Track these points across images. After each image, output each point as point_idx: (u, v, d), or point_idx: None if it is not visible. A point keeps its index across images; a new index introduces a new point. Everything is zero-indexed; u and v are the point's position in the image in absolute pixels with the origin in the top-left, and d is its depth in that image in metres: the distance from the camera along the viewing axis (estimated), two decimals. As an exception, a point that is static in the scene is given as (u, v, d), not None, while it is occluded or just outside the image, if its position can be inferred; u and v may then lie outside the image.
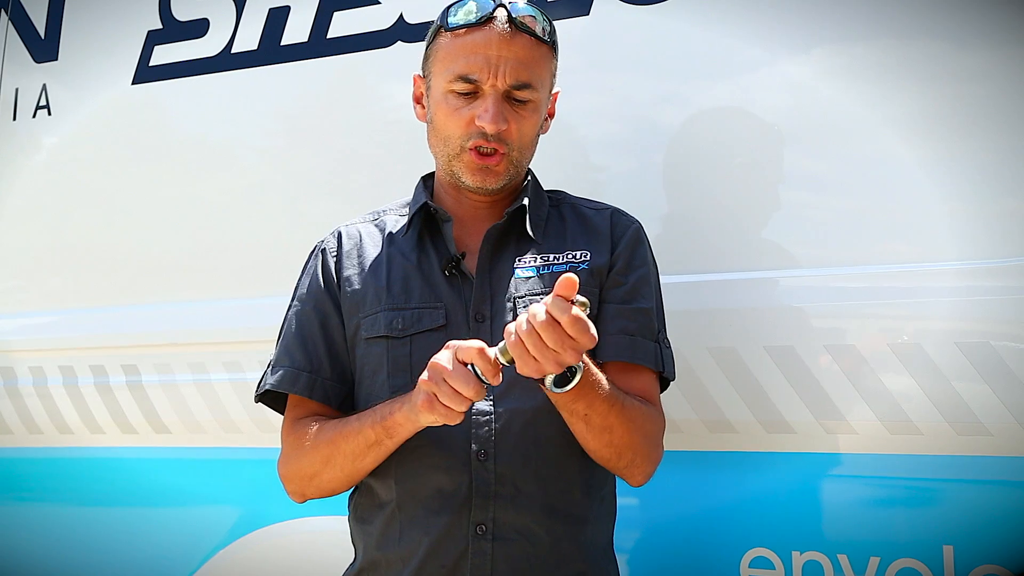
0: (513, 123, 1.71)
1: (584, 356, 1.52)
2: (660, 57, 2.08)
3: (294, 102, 2.43)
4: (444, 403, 1.49)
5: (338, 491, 1.74)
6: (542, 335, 1.40)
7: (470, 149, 1.71)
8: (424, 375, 1.51)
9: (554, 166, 1.89)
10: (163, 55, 2.53)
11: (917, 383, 1.84)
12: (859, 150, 1.93)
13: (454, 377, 1.46)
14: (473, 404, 1.57)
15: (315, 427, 1.70)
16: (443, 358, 1.50)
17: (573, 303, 1.40)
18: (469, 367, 1.48)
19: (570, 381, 1.50)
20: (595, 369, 1.58)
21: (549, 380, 1.49)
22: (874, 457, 1.88)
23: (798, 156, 1.99)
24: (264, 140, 2.49)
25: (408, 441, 1.64)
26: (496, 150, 1.70)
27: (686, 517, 1.98)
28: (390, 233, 1.80)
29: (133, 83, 2.56)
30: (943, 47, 1.86)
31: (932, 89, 1.87)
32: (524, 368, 1.45)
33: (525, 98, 1.72)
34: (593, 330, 1.42)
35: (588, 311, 1.43)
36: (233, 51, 2.45)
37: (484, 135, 1.70)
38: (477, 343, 1.48)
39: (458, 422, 1.51)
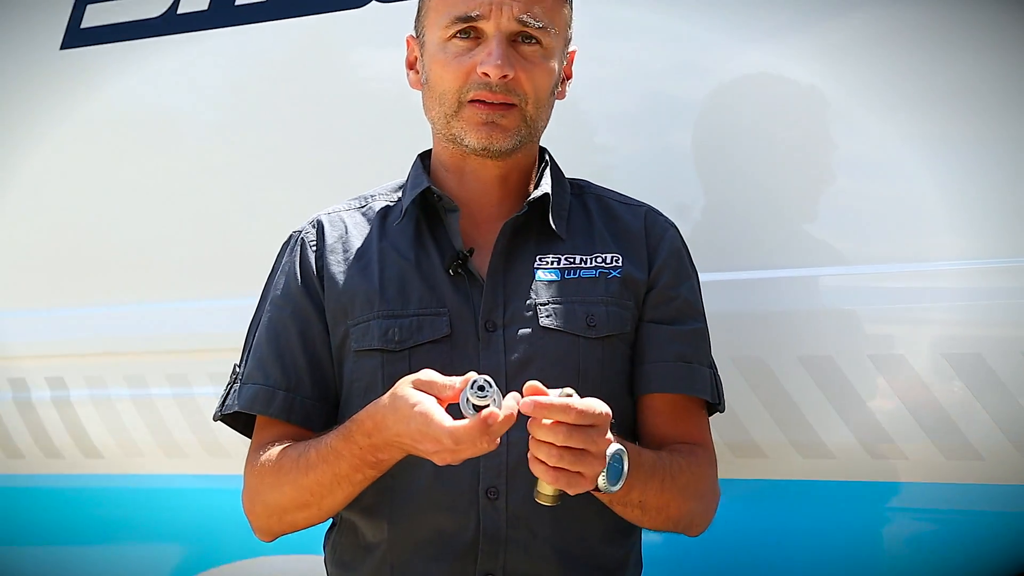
0: (522, 71, 1.64)
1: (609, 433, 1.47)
2: (676, 20, 2.02)
3: (250, 71, 2.36)
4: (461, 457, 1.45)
5: (314, 524, 1.67)
6: (561, 463, 1.38)
7: (470, 102, 1.64)
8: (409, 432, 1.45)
9: (554, 147, 1.81)
10: (96, 16, 2.46)
11: (978, 400, 1.78)
12: (917, 127, 1.86)
13: (461, 440, 1.40)
14: None
15: (288, 453, 1.63)
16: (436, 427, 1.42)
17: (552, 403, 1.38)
18: (463, 399, 1.41)
19: (620, 473, 1.46)
20: (627, 443, 1.53)
21: (602, 479, 1.44)
22: (931, 487, 1.83)
23: (839, 134, 1.92)
24: (215, 114, 2.43)
25: (404, 473, 1.59)
26: (504, 102, 1.64)
27: (711, 556, 1.92)
28: (381, 223, 1.75)
29: (62, 48, 2.50)
30: (1004, 16, 1.83)
31: (995, 58, 1.82)
32: (566, 485, 1.42)
33: (536, 32, 1.65)
34: (599, 407, 1.39)
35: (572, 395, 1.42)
36: (179, 11, 2.39)
37: (487, 85, 1.63)
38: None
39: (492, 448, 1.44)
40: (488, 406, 1.39)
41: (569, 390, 1.41)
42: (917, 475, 1.85)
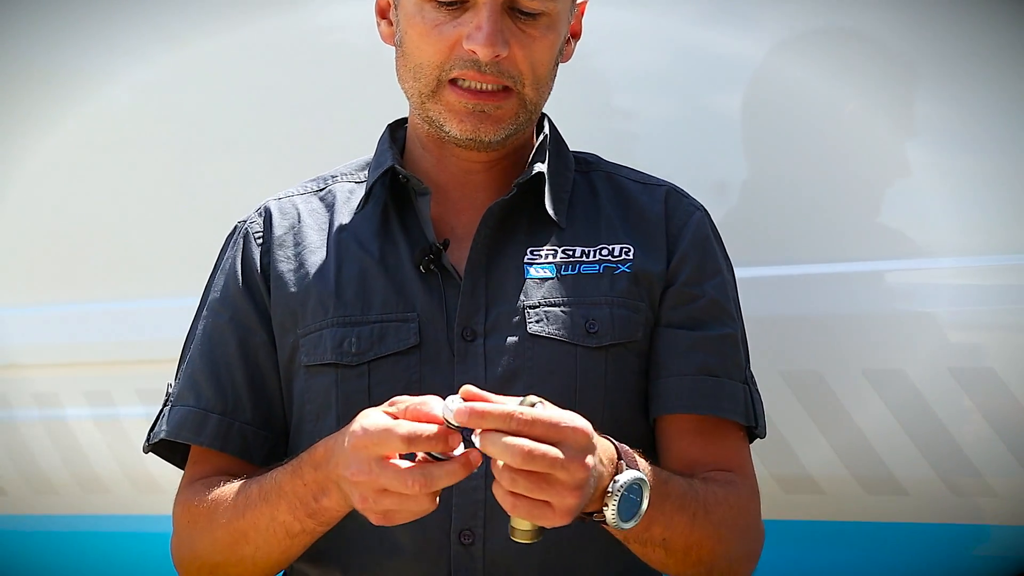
0: (518, 47, 1.59)
1: (628, 450, 1.41)
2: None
3: (185, 24, 2.34)
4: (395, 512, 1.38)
5: None
6: (515, 488, 1.30)
7: (450, 82, 1.59)
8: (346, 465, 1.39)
9: (561, 111, 1.76)
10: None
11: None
12: (1010, 90, 1.83)
13: (392, 481, 1.34)
14: None
15: (221, 493, 1.58)
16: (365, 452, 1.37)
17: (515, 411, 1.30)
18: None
19: (635, 508, 1.39)
20: (649, 465, 1.46)
21: (610, 513, 1.37)
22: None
23: (916, 96, 1.90)
24: (143, 72, 2.40)
25: (361, 515, 1.52)
26: (496, 87, 1.59)
27: None
28: (342, 210, 1.72)
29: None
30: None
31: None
32: (527, 516, 1.33)
33: (537, 9, 1.60)
34: (570, 420, 1.31)
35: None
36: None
37: (475, 64, 1.57)
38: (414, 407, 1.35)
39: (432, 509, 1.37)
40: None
41: (534, 399, 1.33)
42: (1005, 516, 1.82)
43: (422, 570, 1.56)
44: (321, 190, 1.75)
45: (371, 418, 1.39)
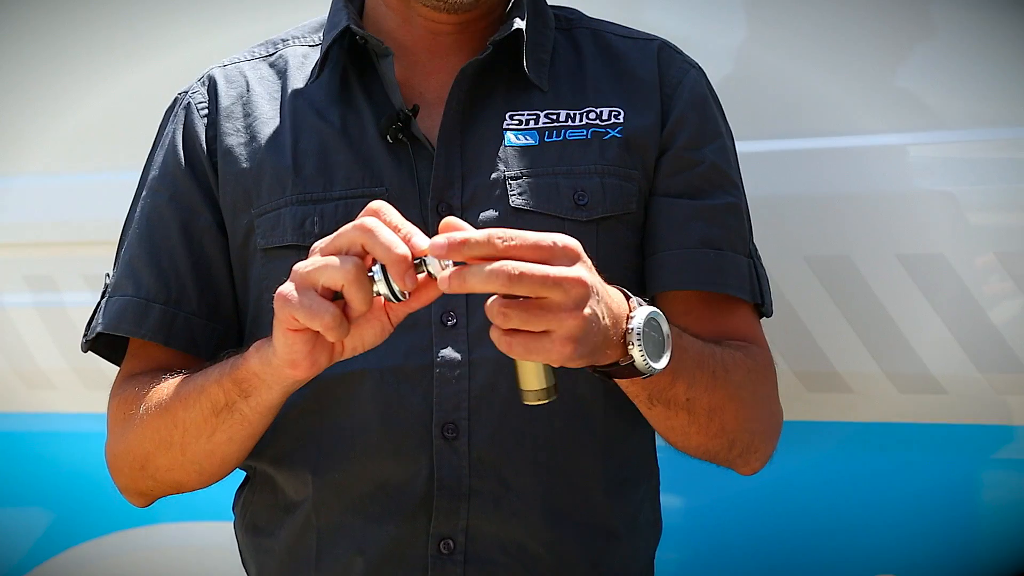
0: None
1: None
2: None
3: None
4: (301, 343, 1.31)
5: (187, 486, 1.61)
6: (508, 322, 1.24)
7: None
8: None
9: None
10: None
11: None
12: None
13: (301, 305, 1.29)
14: (436, 349, 1.49)
15: (152, 387, 1.56)
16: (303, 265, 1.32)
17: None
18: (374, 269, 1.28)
19: (661, 343, 1.34)
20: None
21: (638, 353, 1.31)
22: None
23: None
24: None
25: (332, 408, 1.56)
26: None
27: (774, 521, 1.89)
28: (296, 76, 1.68)
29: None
30: None
31: None
32: (524, 353, 1.27)
33: None
34: (558, 238, 1.25)
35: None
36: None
37: None
38: (377, 207, 1.28)
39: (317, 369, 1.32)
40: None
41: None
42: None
43: (401, 469, 1.54)
44: (271, 55, 1.71)
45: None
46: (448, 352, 1.54)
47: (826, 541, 1.88)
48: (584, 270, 1.26)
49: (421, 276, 1.26)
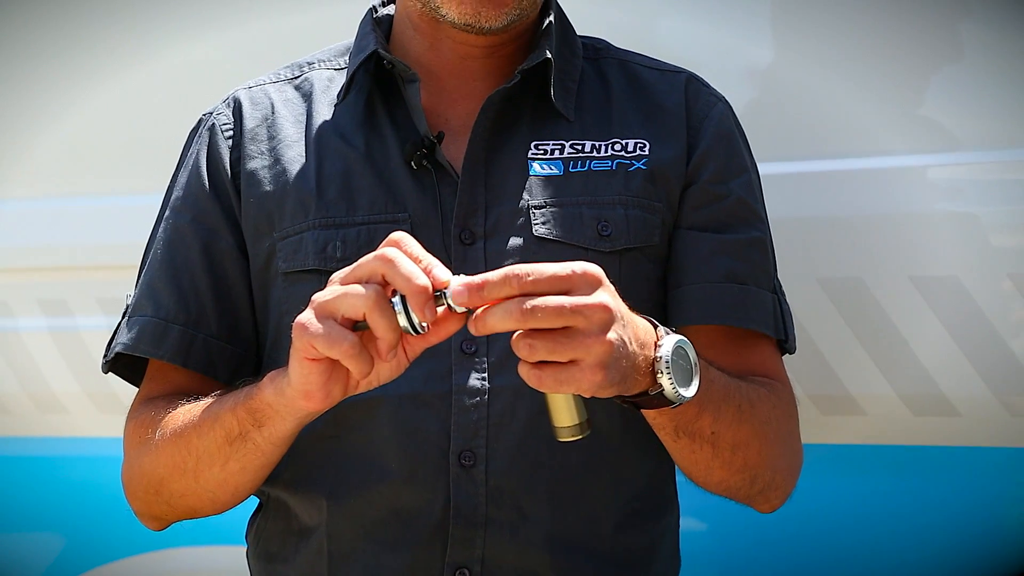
0: None
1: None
2: None
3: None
4: (319, 379, 1.30)
5: (201, 512, 1.59)
6: (534, 355, 1.23)
7: None
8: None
9: None
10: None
11: None
12: None
13: (321, 333, 1.28)
14: (455, 377, 1.48)
15: (169, 411, 1.55)
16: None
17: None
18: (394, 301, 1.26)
19: (689, 371, 1.34)
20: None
21: (667, 381, 1.31)
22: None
23: None
24: None
25: (348, 433, 1.54)
26: None
27: (788, 545, 1.89)
28: (321, 100, 1.68)
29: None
30: None
31: None
32: (553, 386, 1.26)
33: None
34: (577, 266, 1.25)
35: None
36: None
37: None
38: (398, 238, 1.28)
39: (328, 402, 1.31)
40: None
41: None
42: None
43: (417, 496, 1.52)
44: (296, 78, 1.70)
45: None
46: (467, 380, 1.54)
47: (840, 564, 1.87)
48: (606, 295, 1.26)
49: (441, 309, 1.25)
